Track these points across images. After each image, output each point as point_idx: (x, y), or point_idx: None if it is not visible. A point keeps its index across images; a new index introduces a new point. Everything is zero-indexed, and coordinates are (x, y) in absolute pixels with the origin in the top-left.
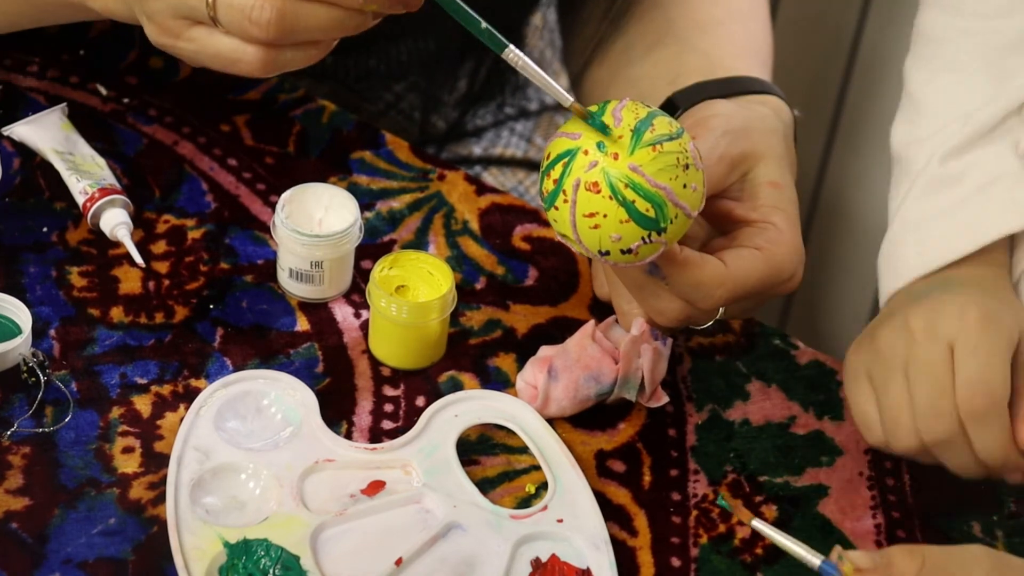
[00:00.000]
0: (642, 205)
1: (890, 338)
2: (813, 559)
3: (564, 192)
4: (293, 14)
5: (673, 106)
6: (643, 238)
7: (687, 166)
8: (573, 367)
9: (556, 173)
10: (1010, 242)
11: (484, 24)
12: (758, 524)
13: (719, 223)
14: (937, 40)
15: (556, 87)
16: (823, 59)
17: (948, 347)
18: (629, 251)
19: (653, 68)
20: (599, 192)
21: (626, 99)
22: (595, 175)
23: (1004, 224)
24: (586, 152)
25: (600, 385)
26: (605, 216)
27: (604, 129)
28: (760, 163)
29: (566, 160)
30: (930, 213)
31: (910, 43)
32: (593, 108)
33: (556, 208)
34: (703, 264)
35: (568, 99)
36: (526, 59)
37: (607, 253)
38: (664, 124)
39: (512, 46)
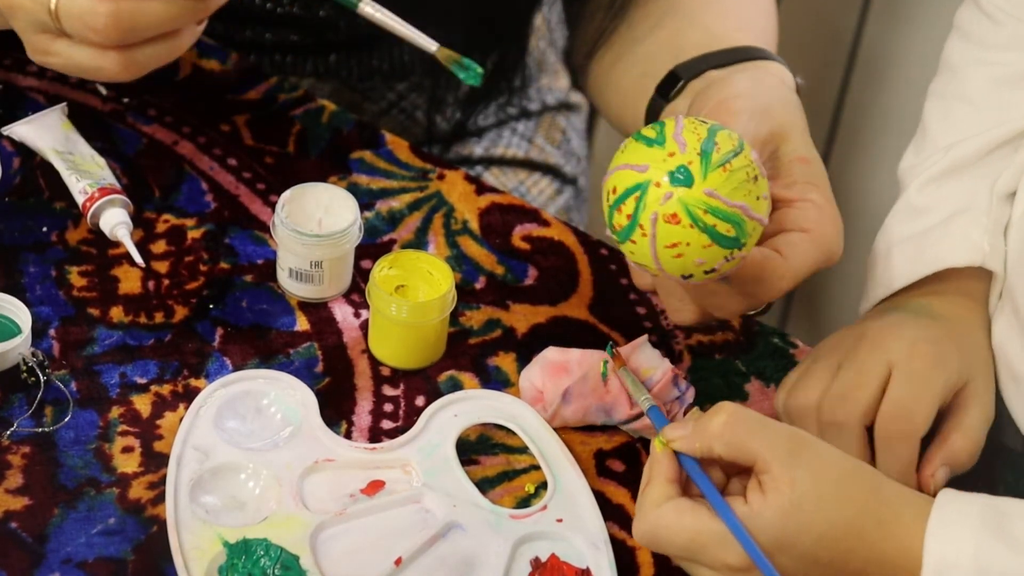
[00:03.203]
0: (723, 227)
1: (844, 335)
2: (645, 401)
3: (641, 227)
4: (128, 14)
5: (675, 78)
6: (726, 257)
7: (755, 177)
8: (588, 396)
9: (629, 208)
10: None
11: None
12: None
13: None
14: (954, 68)
15: (418, 35)
16: (823, 59)
17: (887, 365)
18: (712, 271)
19: (656, 45)
20: (679, 223)
21: (681, 118)
22: (673, 207)
23: (950, 258)
24: (658, 184)
25: (609, 418)
26: (688, 244)
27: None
28: (786, 140)
29: (638, 194)
30: (899, 238)
31: (910, 43)
32: (651, 133)
33: (633, 242)
34: (764, 262)
35: (432, 46)
36: (383, 11)
37: (690, 276)
38: (726, 139)
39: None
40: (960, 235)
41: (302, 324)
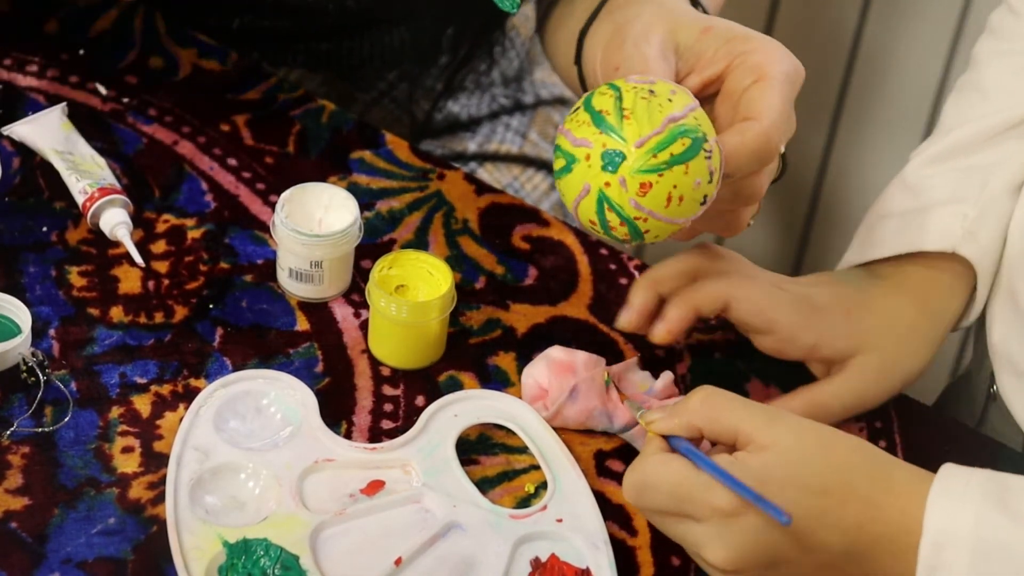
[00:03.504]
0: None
1: (793, 280)
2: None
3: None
4: None
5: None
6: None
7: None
8: (594, 397)
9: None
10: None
11: None
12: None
13: (705, 97)
14: (976, 63)
15: None
16: (823, 59)
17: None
18: (703, 202)
19: None
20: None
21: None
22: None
23: (924, 242)
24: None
25: (610, 425)
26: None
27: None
28: (677, 31)
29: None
30: (885, 212)
31: (910, 43)
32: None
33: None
34: (745, 137)
35: None
36: None
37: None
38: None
39: None
40: (940, 223)
41: (302, 324)
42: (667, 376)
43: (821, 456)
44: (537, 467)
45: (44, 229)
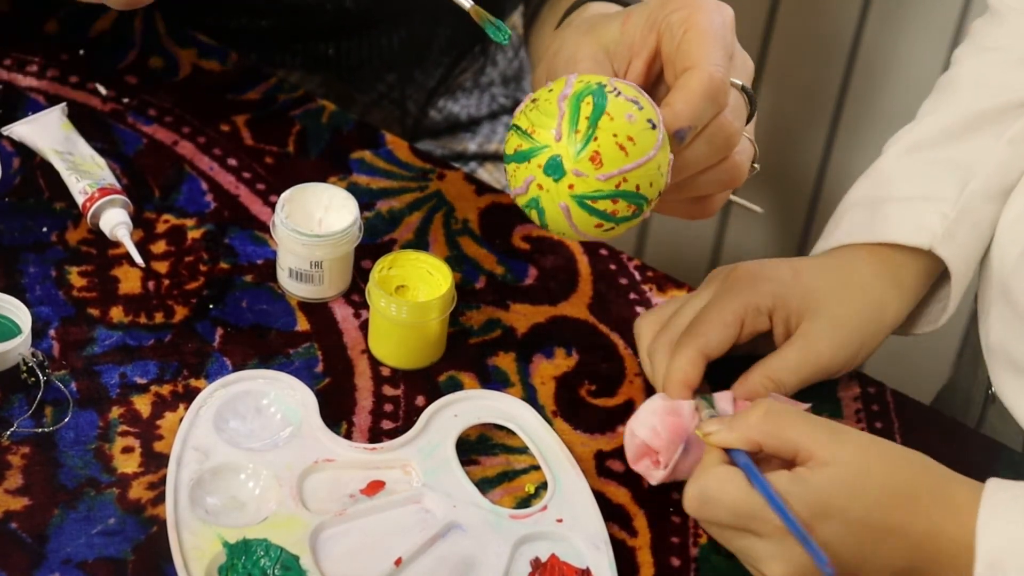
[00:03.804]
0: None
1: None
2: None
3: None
4: None
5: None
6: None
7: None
8: (703, 445)
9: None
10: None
11: None
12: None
13: (653, 79)
14: (953, 64)
15: None
16: (823, 59)
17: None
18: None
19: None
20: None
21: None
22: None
23: (897, 234)
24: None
25: None
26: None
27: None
28: (599, 36)
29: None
30: (857, 200)
31: (910, 43)
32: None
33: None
34: (688, 85)
35: (467, 3)
36: None
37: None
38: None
39: None
40: (916, 218)
41: (302, 324)
42: (727, 397)
43: (884, 473)
44: (537, 467)
45: (44, 229)
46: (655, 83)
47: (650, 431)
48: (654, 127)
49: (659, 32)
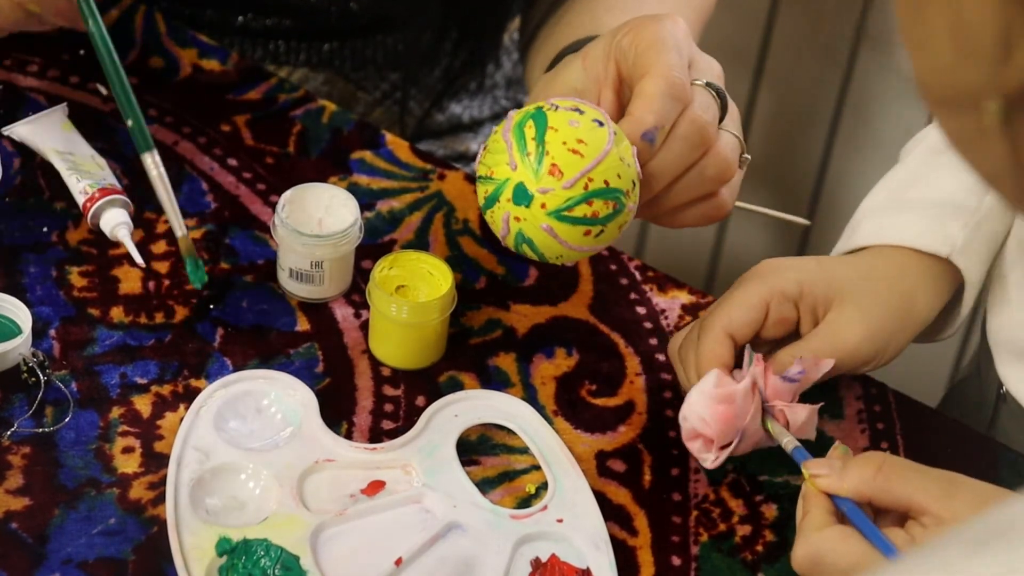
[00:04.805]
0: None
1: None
2: (788, 443)
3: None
4: None
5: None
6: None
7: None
8: (757, 431)
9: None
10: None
11: (131, 122)
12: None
13: (626, 104)
14: None
15: (175, 212)
16: (823, 59)
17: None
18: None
19: (563, 33)
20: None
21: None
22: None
23: (917, 240)
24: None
25: (771, 442)
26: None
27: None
28: (566, 79)
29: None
30: (878, 203)
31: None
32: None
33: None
34: (645, 90)
35: (181, 231)
36: (161, 170)
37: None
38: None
39: (155, 151)
40: (937, 224)
41: (302, 324)
42: (757, 358)
43: None
44: (537, 467)
45: (45, 229)
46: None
47: (699, 420)
48: (601, 125)
49: (615, 59)
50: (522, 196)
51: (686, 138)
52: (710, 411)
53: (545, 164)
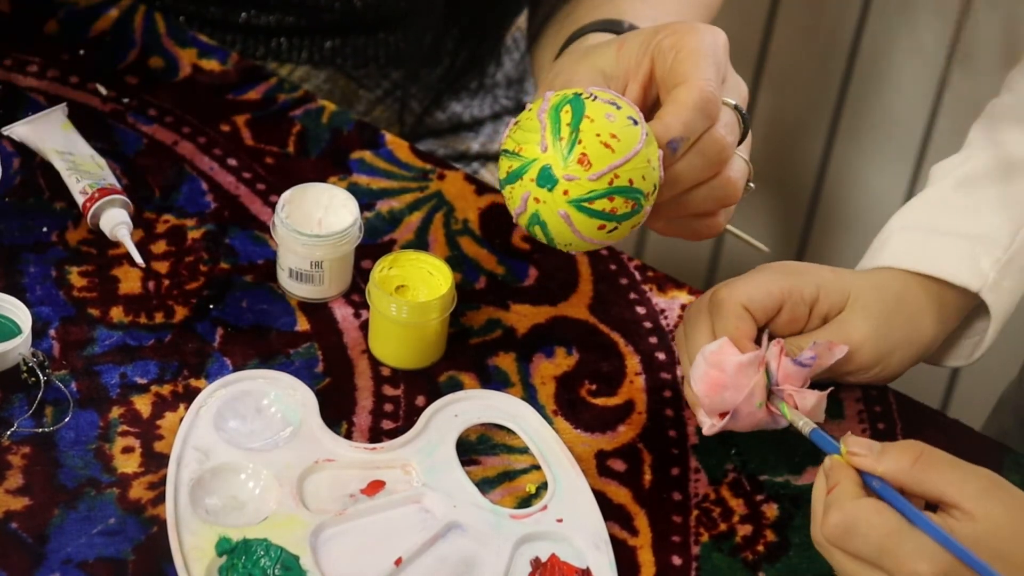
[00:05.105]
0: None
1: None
2: (805, 425)
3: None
4: None
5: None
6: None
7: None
8: (756, 413)
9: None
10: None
11: None
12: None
13: (650, 103)
14: (1013, 90)
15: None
16: (823, 59)
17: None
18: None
19: (569, 25)
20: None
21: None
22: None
23: (950, 271)
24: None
25: (776, 424)
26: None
27: None
28: (596, 63)
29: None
30: (913, 223)
31: (910, 43)
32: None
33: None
34: (679, 99)
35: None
36: None
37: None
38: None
39: None
40: (968, 257)
41: (302, 324)
42: (775, 342)
43: None
44: (537, 467)
45: (44, 229)
46: (652, 107)
47: (694, 379)
48: (636, 123)
49: (652, 56)
50: (547, 179)
51: (704, 155)
52: (700, 372)
53: (576, 152)
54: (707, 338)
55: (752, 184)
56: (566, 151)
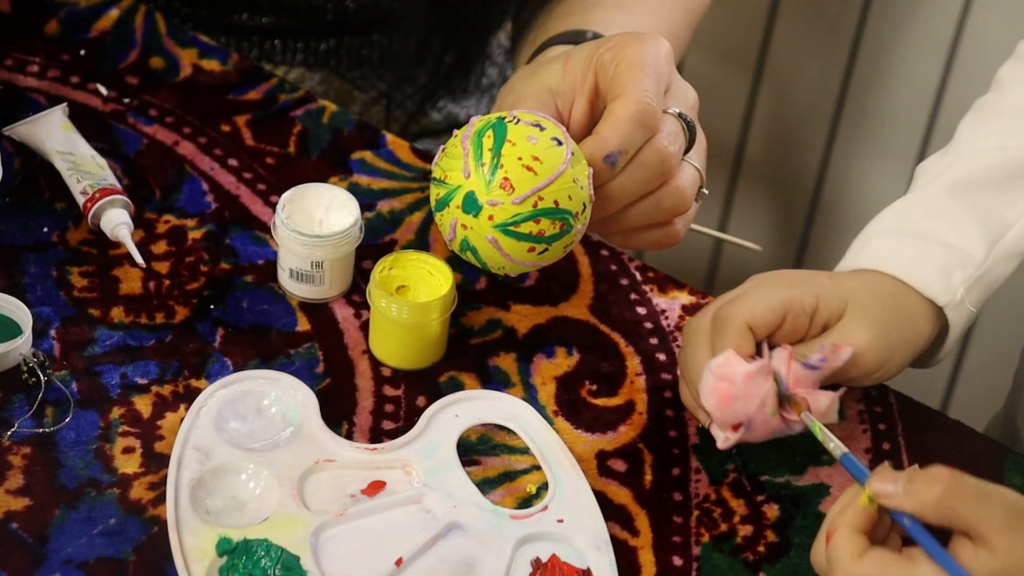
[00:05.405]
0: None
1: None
2: (835, 448)
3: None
4: None
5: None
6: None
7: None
8: (770, 421)
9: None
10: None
11: None
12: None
13: (597, 116)
14: (1000, 84)
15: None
16: (823, 59)
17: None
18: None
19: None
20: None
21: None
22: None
23: (921, 281)
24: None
25: (790, 429)
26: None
27: None
28: (543, 78)
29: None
30: (888, 228)
31: (910, 43)
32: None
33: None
34: (615, 112)
35: None
36: None
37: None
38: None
39: None
40: (942, 270)
41: (303, 324)
42: (784, 351)
43: None
44: (538, 467)
45: (45, 230)
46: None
47: (703, 395)
48: (560, 144)
49: (595, 70)
50: (471, 205)
51: (647, 166)
52: (709, 386)
53: (498, 177)
54: (709, 357)
55: (706, 190)
56: (488, 176)
